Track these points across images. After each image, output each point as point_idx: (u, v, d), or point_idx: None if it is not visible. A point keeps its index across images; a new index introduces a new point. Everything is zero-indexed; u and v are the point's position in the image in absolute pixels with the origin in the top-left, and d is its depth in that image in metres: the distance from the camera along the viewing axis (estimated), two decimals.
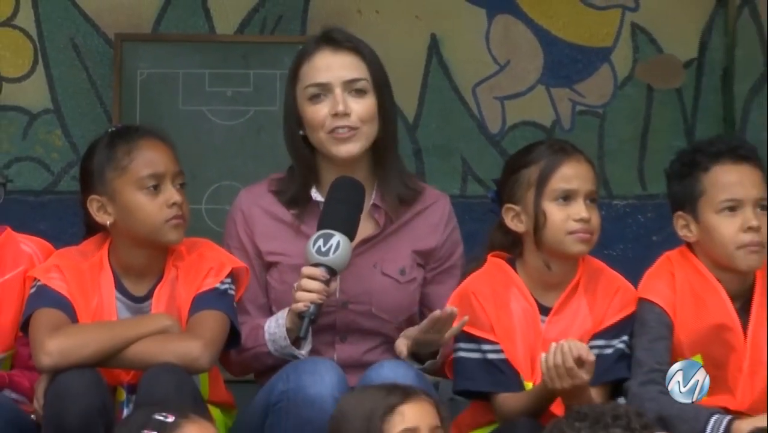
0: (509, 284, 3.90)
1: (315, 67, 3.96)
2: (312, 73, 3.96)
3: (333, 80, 3.93)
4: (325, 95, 3.93)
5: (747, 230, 3.78)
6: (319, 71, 3.95)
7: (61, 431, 3.61)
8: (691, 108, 5.39)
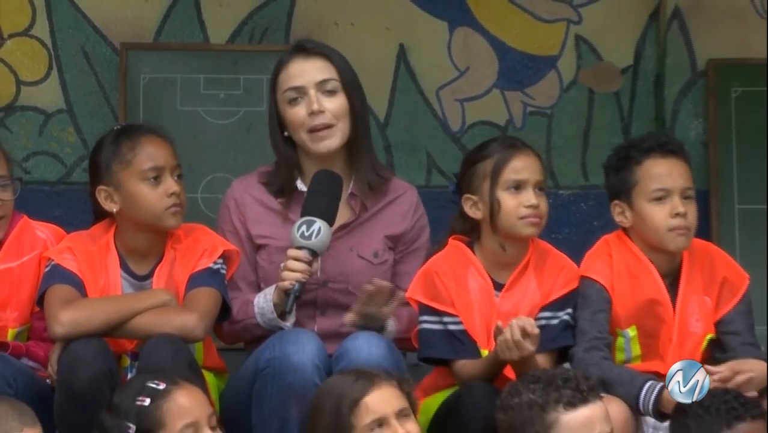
0: (467, 263, 3.89)
1: (290, 74, 3.96)
2: (288, 80, 3.95)
3: (306, 83, 3.92)
4: (302, 97, 3.92)
5: (675, 215, 3.78)
6: (294, 77, 3.94)
7: (72, 393, 3.60)
8: (627, 109, 5.37)
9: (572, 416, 3.24)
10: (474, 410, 3.56)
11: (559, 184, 4.91)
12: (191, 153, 4.53)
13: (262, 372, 3.67)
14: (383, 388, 3.26)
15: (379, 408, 3.22)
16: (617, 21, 5.36)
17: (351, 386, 3.25)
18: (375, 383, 3.25)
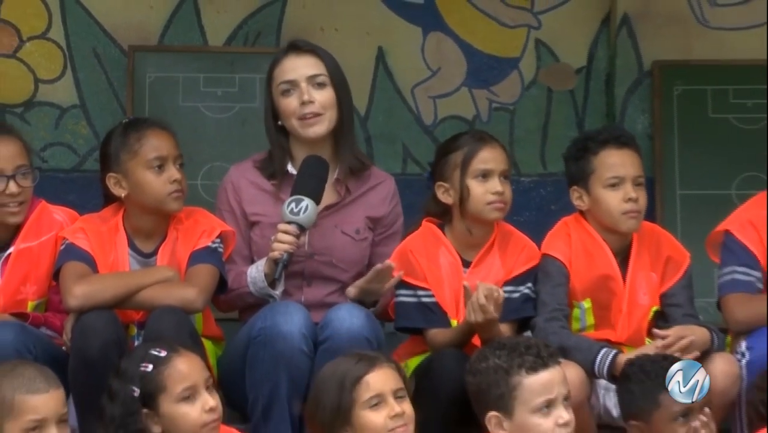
0: (439, 243, 3.88)
1: (284, 69, 3.95)
2: (282, 74, 3.94)
3: (298, 77, 3.91)
4: (294, 89, 3.91)
5: (628, 200, 3.77)
6: (287, 72, 3.93)
7: (84, 359, 3.60)
8: (582, 105, 5.35)
9: (534, 379, 3.24)
10: (445, 374, 3.55)
11: (520, 172, 4.90)
12: (192, 144, 4.49)
13: (255, 340, 3.67)
14: (383, 369, 3.23)
15: (378, 386, 3.18)
16: (572, 26, 5.34)
17: (354, 365, 3.21)
18: (376, 364, 3.22)
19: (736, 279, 3.85)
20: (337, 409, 3.17)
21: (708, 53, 5.31)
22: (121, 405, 3.26)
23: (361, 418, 3.17)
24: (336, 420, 3.18)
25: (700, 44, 5.32)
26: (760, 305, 3.77)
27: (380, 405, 3.18)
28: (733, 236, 3.89)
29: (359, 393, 3.17)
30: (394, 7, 5.29)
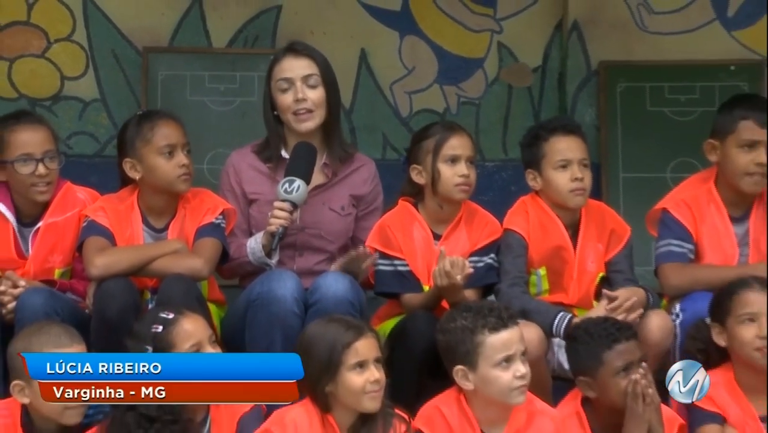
0: (413, 219, 3.87)
1: (282, 68, 3.92)
2: (280, 72, 3.91)
3: (294, 76, 3.88)
4: (290, 87, 3.88)
5: (574, 180, 3.76)
6: (285, 70, 3.91)
7: (104, 321, 3.59)
8: (538, 100, 5.33)
9: (495, 338, 3.22)
10: (418, 333, 3.54)
11: (485, 158, 4.89)
12: (198, 133, 4.46)
13: (253, 303, 3.65)
14: (368, 338, 3.21)
15: (363, 353, 3.16)
16: (530, 31, 5.32)
17: (345, 332, 3.18)
18: (363, 333, 3.20)
19: (671, 251, 3.85)
20: (327, 367, 3.15)
21: (647, 55, 5.30)
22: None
23: (345, 378, 3.15)
24: (324, 375, 3.15)
25: (640, 47, 5.30)
26: (691, 273, 3.79)
27: (362, 370, 3.16)
28: (669, 214, 3.89)
29: (347, 357, 3.15)
30: (374, 14, 5.27)
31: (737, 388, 3.44)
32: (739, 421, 3.41)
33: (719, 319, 3.47)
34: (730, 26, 5.29)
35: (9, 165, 3.81)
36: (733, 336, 3.43)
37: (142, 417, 3.15)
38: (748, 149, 3.79)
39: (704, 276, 3.77)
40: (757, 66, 5.24)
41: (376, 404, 3.17)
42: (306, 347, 3.22)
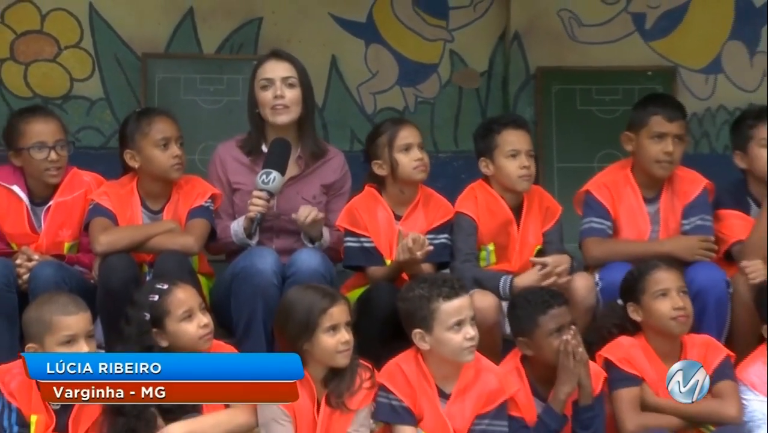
0: (377, 202, 3.82)
1: (265, 69, 3.87)
2: (263, 73, 3.86)
3: (275, 77, 3.83)
4: (270, 86, 3.82)
5: (522, 167, 3.74)
6: (267, 71, 3.85)
7: (108, 290, 3.55)
8: (484, 100, 5.29)
9: (448, 305, 3.19)
10: (381, 301, 3.51)
11: (438, 150, 4.86)
12: (190, 128, 4.37)
13: (238, 276, 3.61)
14: (341, 304, 3.18)
15: (336, 318, 3.13)
16: (477, 40, 5.28)
17: (321, 299, 3.15)
18: (337, 300, 3.18)
19: (592, 227, 3.85)
20: (305, 328, 3.12)
21: (577, 61, 5.27)
22: (136, 327, 3.22)
23: (320, 338, 3.12)
24: (302, 335, 3.12)
25: (571, 55, 5.27)
26: (609, 247, 3.80)
27: (335, 332, 3.13)
28: (591, 195, 3.90)
29: (323, 320, 3.12)
30: (343, 25, 5.22)
31: (653, 353, 3.42)
32: (654, 381, 3.39)
33: (633, 298, 3.45)
34: (648, 38, 5.28)
35: (24, 151, 3.77)
36: (649, 311, 3.41)
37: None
38: (658, 140, 3.80)
39: (620, 249, 3.79)
40: (670, 71, 5.23)
41: (346, 361, 3.15)
42: (286, 310, 3.19)
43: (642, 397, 3.36)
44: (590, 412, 3.26)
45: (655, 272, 3.44)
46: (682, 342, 3.43)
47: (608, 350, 3.42)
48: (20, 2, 5.14)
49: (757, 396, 3.35)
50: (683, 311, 3.38)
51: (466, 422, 3.20)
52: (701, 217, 3.83)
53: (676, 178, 3.89)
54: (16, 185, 3.81)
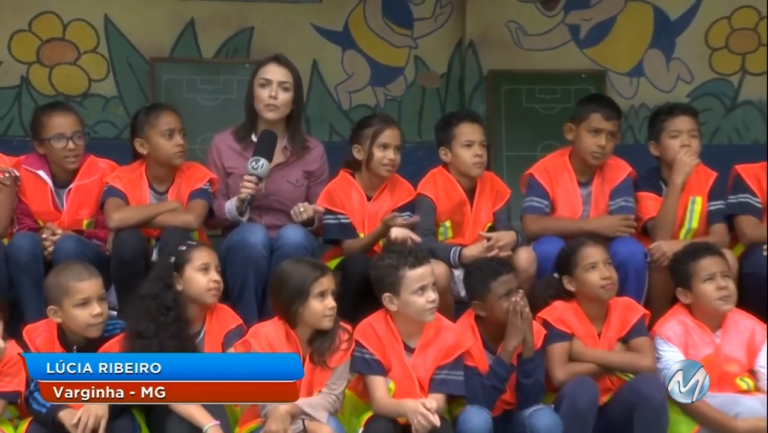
0: (351, 185, 3.77)
1: (266, 70, 3.80)
2: (264, 73, 3.79)
3: (273, 79, 3.76)
4: (268, 85, 3.76)
5: (476, 156, 3.71)
6: (267, 72, 3.78)
7: (120, 260, 3.52)
8: (444, 98, 5.24)
9: (413, 272, 3.16)
10: (355, 269, 3.47)
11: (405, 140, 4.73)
12: (191, 121, 4.26)
13: (232, 248, 3.56)
14: (329, 276, 3.14)
15: (326, 285, 3.09)
16: (438, 47, 5.22)
17: (312, 270, 3.12)
18: (325, 272, 3.14)
19: (532, 205, 3.83)
20: (299, 294, 3.07)
21: (523, 65, 5.22)
22: (161, 267, 3.23)
23: (311, 303, 3.08)
24: (295, 300, 3.08)
25: (517, 60, 5.23)
26: (545, 223, 3.78)
27: (323, 298, 3.09)
28: (533, 177, 3.87)
29: (314, 287, 3.08)
30: (323, 34, 5.16)
31: (583, 315, 3.40)
32: (583, 338, 3.38)
33: (567, 271, 3.43)
34: (582, 45, 5.25)
35: (46, 141, 3.73)
36: (581, 281, 3.39)
37: (163, 307, 3.13)
38: (594, 134, 3.78)
39: (553, 226, 3.76)
40: (600, 74, 5.21)
41: (330, 324, 3.11)
42: (282, 279, 3.15)
43: (572, 350, 3.36)
44: (532, 363, 3.24)
45: (585, 248, 3.42)
46: (607, 305, 3.42)
47: (545, 313, 3.40)
48: (45, 13, 5.09)
49: (671, 348, 3.35)
50: (610, 280, 3.36)
51: (428, 372, 3.17)
52: (625, 199, 3.81)
53: (606, 165, 3.87)
54: (42, 170, 3.75)
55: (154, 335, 3.09)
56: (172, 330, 3.11)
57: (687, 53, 5.23)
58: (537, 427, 3.13)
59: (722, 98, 5.25)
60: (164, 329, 3.11)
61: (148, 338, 3.08)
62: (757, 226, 3.75)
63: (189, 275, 3.20)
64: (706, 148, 4.00)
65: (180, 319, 3.15)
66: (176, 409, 3.01)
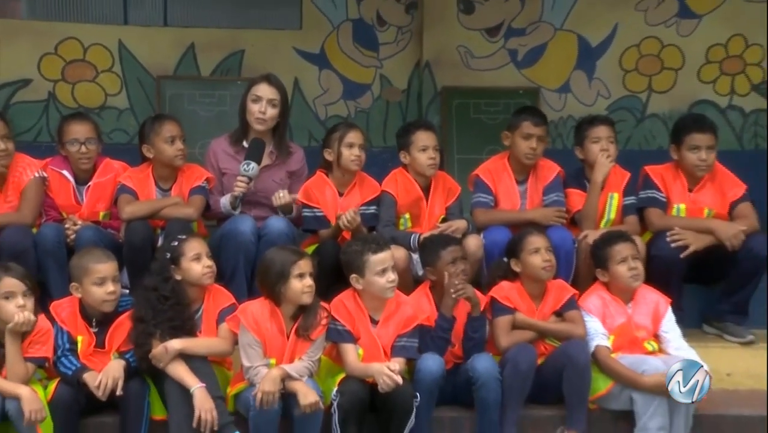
0: (325, 183, 3.71)
1: (258, 87, 3.73)
2: (256, 90, 3.73)
3: (263, 96, 3.70)
4: (258, 101, 3.71)
5: (430, 159, 3.68)
6: (259, 90, 3.72)
7: (131, 246, 3.48)
8: (405, 110, 5.21)
9: (375, 257, 3.13)
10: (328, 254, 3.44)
11: (372, 145, 4.75)
12: (191, 130, 4.17)
13: (225, 235, 3.52)
14: (306, 259, 3.09)
15: (303, 268, 3.05)
16: (399, 67, 5.20)
17: (292, 255, 3.08)
18: (303, 256, 3.10)
19: (479, 200, 3.80)
20: (281, 275, 3.03)
21: (471, 83, 5.20)
22: (160, 263, 3.17)
23: (291, 283, 3.04)
24: (279, 281, 3.04)
25: (466, 78, 5.20)
26: (490, 215, 3.77)
27: (302, 278, 3.04)
28: (479, 177, 3.85)
29: (293, 269, 3.04)
30: (303, 56, 5.12)
31: (525, 293, 3.39)
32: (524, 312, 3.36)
33: (515, 255, 3.41)
34: (520, 66, 5.24)
35: (66, 145, 3.70)
36: (526, 263, 3.37)
37: (161, 297, 3.07)
38: (526, 139, 3.77)
39: (498, 217, 3.75)
40: (534, 91, 5.21)
41: (309, 300, 3.07)
42: (267, 264, 3.11)
43: (517, 321, 3.34)
44: (478, 321, 3.24)
45: (530, 236, 3.40)
46: (545, 286, 3.40)
47: (494, 291, 3.38)
48: (68, 39, 5.05)
49: (592, 318, 3.35)
50: (549, 263, 3.35)
51: (390, 340, 3.15)
52: (556, 194, 3.81)
53: (539, 166, 3.85)
54: (65, 170, 3.71)
55: (153, 319, 3.05)
56: (169, 315, 3.07)
57: (605, 74, 5.25)
58: (477, 368, 3.13)
59: (633, 111, 5.28)
60: (161, 315, 3.06)
61: (147, 322, 3.05)
62: (662, 217, 3.76)
63: (185, 266, 3.14)
64: (621, 152, 4.00)
65: (179, 304, 3.09)
66: (169, 372, 2.98)
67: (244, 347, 3.06)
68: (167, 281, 3.10)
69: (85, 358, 3.06)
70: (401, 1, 5.23)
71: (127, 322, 3.11)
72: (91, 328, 3.11)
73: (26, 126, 4.98)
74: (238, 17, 5.19)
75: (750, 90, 5.22)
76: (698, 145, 3.74)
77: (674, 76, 5.24)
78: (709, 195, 3.78)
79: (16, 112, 4.94)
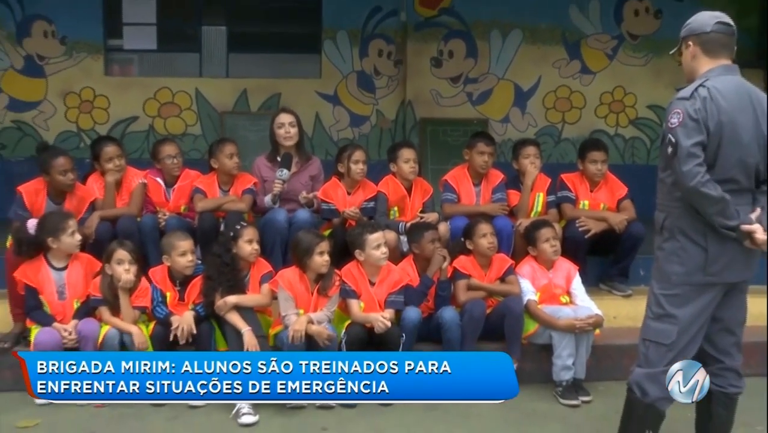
0: (337, 186, 3.60)
1: (280, 117, 3.64)
2: (279, 119, 3.64)
3: (285, 121, 3.62)
4: (282, 126, 3.62)
5: (411, 168, 3.60)
6: (281, 119, 3.63)
7: (202, 230, 3.42)
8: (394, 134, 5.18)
9: (372, 236, 3.08)
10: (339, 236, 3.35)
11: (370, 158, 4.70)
12: (244, 148, 4.12)
13: (266, 223, 3.45)
14: (325, 241, 3.04)
15: (323, 247, 3.00)
16: (390, 104, 5.17)
17: (315, 237, 3.02)
18: (323, 238, 3.03)
19: (447, 198, 3.71)
20: (306, 251, 2.99)
21: (441, 115, 5.18)
22: (224, 240, 3.10)
23: (314, 258, 2.99)
24: (305, 256, 2.99)
25: (437, 111, 5.18)
26: (455, 208, 3.65)
27: (322, 255, 3.00)
28: (447, 181, 3.75)
29: (316, 249, 2.99)
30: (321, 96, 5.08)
31: (477, 264, 3.33)
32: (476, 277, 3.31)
33: (469, 237, 3.35)
34: (474, 104, 5.24)
35: (161, 160, 3.59)
36: (476, 244, 3.31)
37: (223, 263, 3.02)
38: (481, 155, 3.70)
39: (459, 210, 3.66)
40: (485, 121, 5.20)
41: (326, 269, 3.03)
42: (296, 242, 3.06)
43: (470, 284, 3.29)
44: (446, 283, 3.20)
45: (480, 224, 3.34)
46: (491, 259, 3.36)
47: (455, 263, 3.31)
48: (163, 88, 5.07)
49: (524, 281, 3.30)
50: (492, 244, 3.30)
51: (383, 296, 3.10)
52: (501, 193, 3.73)
53: (489, 174, 3.76)
54: (159, 177, 3.63)
55: (217, 278, 3.02)
56: (227, 276, 3.03)
57: (533, 110, 5.28)
58: (444, 317, 3.09)
59: (552, 136, 5.30)
60: (222, 276, 3.03)
61: (213, 280, 3.02)
62: (572, 210, 3.74)
63: (241, 245, 3.09)
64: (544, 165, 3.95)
65: (235, 269, 3.06)
66: (227, 318, 2.95)
67: (281, 301, 3.02)
68: (228, 252, 3.07)
69: (172, 307, 3.07)
70: (391, 58, 5.21)
71: (199, 282, 3.09)
72: (175, 287, 3.10)
73: (134, 148, 5.00)
74: (276, 70, 5.20)
75: (628, 123, 5.39)
76: (596, 159, 3.74)
77: (579, 113, 5.33)
78: (604, 194, 3.77)
79: (128, 139, 4.98)
